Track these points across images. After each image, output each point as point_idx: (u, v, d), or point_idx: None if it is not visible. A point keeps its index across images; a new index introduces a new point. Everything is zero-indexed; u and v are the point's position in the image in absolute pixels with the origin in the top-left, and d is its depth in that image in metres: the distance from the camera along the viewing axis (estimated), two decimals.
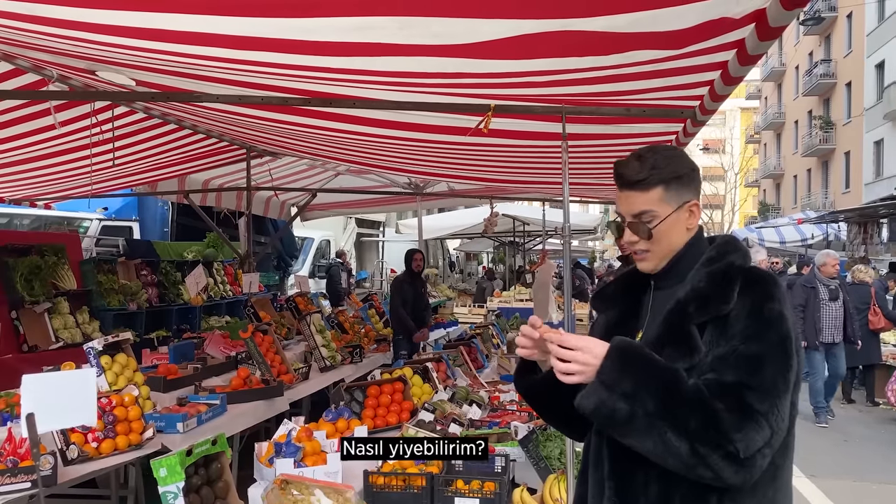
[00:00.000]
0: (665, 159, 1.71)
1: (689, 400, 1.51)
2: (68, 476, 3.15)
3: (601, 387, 1.54)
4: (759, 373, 1.52)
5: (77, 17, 2.46)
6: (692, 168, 1.74)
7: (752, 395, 1.50)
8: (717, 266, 1.66)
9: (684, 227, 1.74)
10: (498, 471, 3.29)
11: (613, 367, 1.54)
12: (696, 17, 2.07)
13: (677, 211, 1.71)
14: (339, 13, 2.16)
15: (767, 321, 1.56)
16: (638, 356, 1.57)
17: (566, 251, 3.67)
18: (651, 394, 1.51)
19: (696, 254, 1.73)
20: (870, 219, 16.25)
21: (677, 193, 1.71)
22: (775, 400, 1.51)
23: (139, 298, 7.04)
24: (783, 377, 1.53)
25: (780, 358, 1.54)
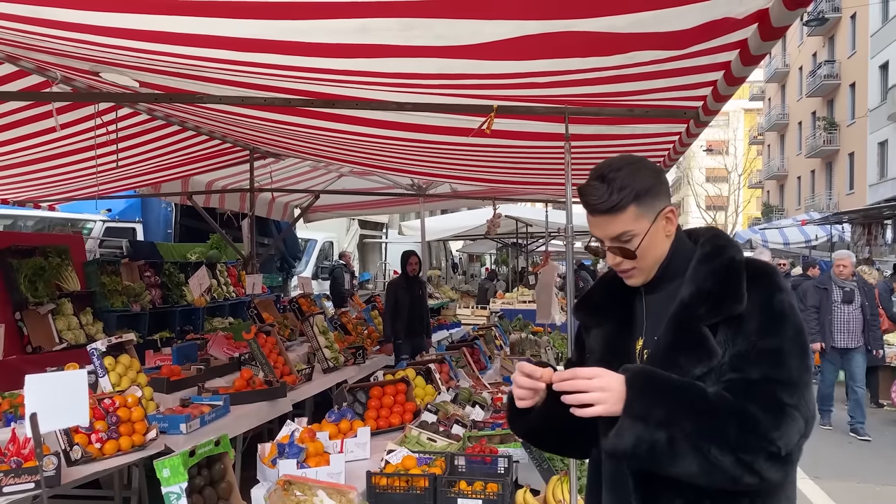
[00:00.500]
0: (630, 175, 1.63)
1: (723, 409, 1.48)
2: (72, 477, 3.15)
3: (635, 422, 1.48)
4: (783, 366, 1.51)
5: (80, 20, 2.47)
6: (657, 175, 1.68)
7: (782, 390, 1.49)
8: (719, 262, 1.62)
9: (664, 236, 1.68)
10: (501, 472, 3.28)
11: (640, 398, 1.49)
12: (698, 18, 2.06)
13: (655, 223, 1.66)
14: (341, 15, 2.17)
15: (781, 314, 1.55)
16: (659, 380, 1.52)
17: (569, 253, 3.67)
18: (685, 414, 1.47)
19: (683, 253, 1.69)
20: (874, 220, 16.23)
21: (650, 206, 1.65)
22: (802, 390, 1.51)
23: (142, 300, 7.05)
24: (804, 366, 1.53)
25: (799, 348, 1.53)
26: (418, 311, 7.91)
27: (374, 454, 3.59)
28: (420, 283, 8.15)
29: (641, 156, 1.75)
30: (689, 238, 1.73)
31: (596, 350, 1.75)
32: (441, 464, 3.30)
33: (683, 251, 1.69)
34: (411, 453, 3.37)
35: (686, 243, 1.71)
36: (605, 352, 1.72)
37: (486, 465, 3.33)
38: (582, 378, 1.52)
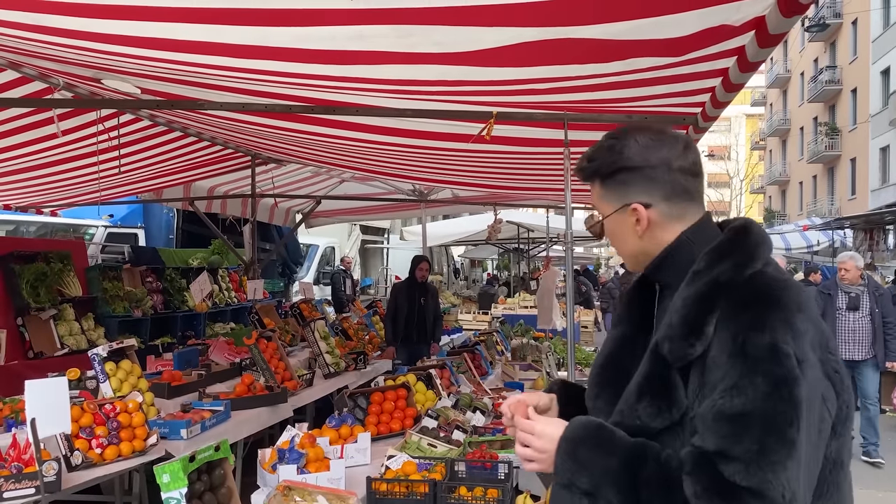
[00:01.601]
0: (608, 149, 1.42)
1: (654, 487, 1.23)
2: (72, 482, 3.15)
3: (562, 490, 1.35)
4: (745, 436, 1.18)
5: (82, 27, 2.48)
6: (633, 165, 1.40)
7: (735, 468, 1.17)
8: (699, 285, 1.31)
9: (633, 234, 1.43)
10: (501, 478, 3.28)
11: (566, 463, 1.32)
12: (695, 25, 2.07)
13: (618, 213, 1.43)
14: (340, 22, 2.18)
15: (753, 362, 1.20)
16: (589, 441, 1.31)
17: (568, 258, 3.68)
18: (611, 485, 1.26)
19: (686, 258, 1.39)
20: (876, 225, 16.21)
21: (615, 192, 1.43)
22: (772, 471, 1.16)
23: (144, 305, 7.06)
24: (781, 436, 1.17)
25: (775, 410, 1.17)
26: (419, 318, 7.63)
27: (375, 460, 3.58)
28: (425, 290, 7.80)
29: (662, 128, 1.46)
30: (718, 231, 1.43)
31: (601, 354, 1.57)
32: (441, 469, 3.29)
33: (686, 256, 1.39)
34: (411, 459, 3.37)
35: (698, 247, 1.39)
36: (604, 356, 1.54)
37: (486, 470, 3.33)
38: (526, 433, 1.39)
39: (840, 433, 1.28)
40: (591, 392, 1.51)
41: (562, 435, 1.34)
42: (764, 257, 1.33)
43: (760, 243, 1.34)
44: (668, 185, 1.40)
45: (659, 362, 1.32)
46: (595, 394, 1.48)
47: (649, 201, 1.41)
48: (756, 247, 1.33)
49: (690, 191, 1.42)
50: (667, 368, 1.30)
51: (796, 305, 1.25)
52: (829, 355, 1.27)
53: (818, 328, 1.27)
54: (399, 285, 7.92)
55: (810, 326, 1.24)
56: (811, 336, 1.23)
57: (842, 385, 1.28)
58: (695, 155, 1.43)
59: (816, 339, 1.25)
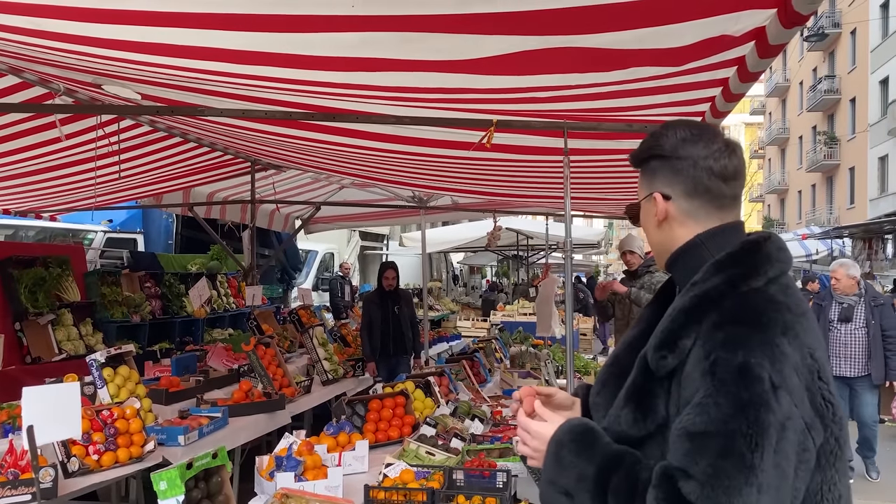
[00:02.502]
0: (651, 136, 1.44)
1: (622, 495, 1.25)
2: (69, 489, 3.14)
3: (547, 485, 1.38)
4: (702, 457, 1.16)
5: (82, 32, 2.49)
6: (663, 153, 1.40)
7: (691, 488, 1.16)
8: (689, 297, 1.31)
9: (654, 224, 1.45)
10: (499, 486, 3.27)
11: (552, 463, 1.37)
12: (696, 35, 2.08)
13: (645, 200, 1.46)
14: (341, 28, 2.18)
15: (720, 382, 1.18)
16: (572, 445, 1.34)
17: (568, 265, 3.67)
18: (586, 490, 1.29)
19: (693, 263, 1.38)
20: (874, 234, 16.23)
21: (646, 180, 1.45)
22: (725, 493, 1.13)
23: (142, 310, 7.05)
24: (738, 460, 1.14)
25: (736, 433, 1.15)
26: (395, 329, 7.20)
27: (373, 467, 3.58)
28: (397, 298, 7.36)
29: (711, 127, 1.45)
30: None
31: (611, 354, 1.58)
32: (439, 478, 3.28)
33: (695, 261, 1.38)
34: (409, 467, 3.36)
35: (711, 253, 1.37)
36: (613, 354, 1.55)
37: (484, 479, 3.31)
38: (524, 431, 1.46)
39: (823, 466, 1.24)
40: (594, 388, 1.53)
41: (551, 437, 1.39)
42: (767, 275, 1.29)
43: (765, 261, 1.31)
44: (691, 181, 1.39)
45: (644, 370, 1.33)
46: (597, 391, 1.51)
47: (670, 193, 1.41)
48: (761, 263, 1.30)
49: (714, 192, 1.39)
50: (649, 378, 1.31)
51: (782, 328, 1.22)
52: (821, 383, 1.24)
53: (809, 354, 1.23)
54: (369, 296, 7.56)
55: (795, 352, 1.21)
56: (796, 361, 1.20)
57: (832, 418, 1.24)
58: (733, 161, 1.40)
59: (805, 366, 1.21)
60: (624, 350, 1.49)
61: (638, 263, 6.03)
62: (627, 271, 6.21)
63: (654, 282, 5.79)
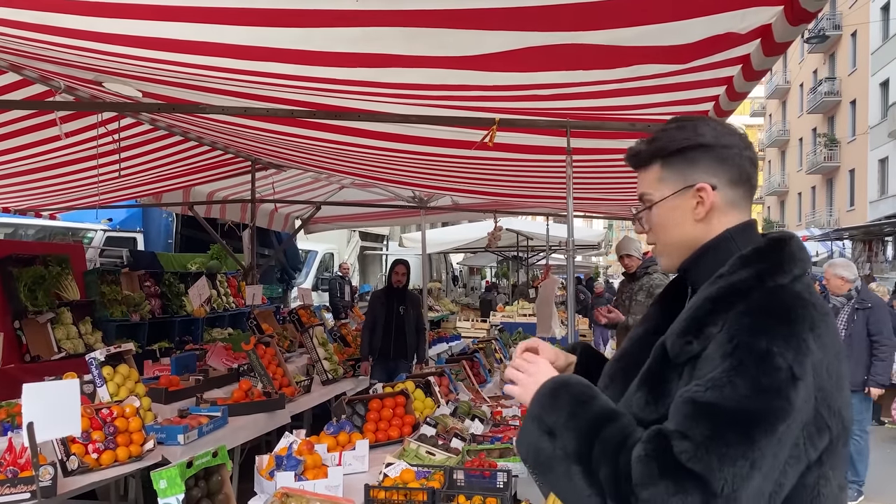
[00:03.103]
0: (667, 130, 1.40)
1: (609, 445, 1.22)
2: (68, 487, 3.12)
3: (530, 420, 1.35)
4: (704, 422, 1.15)
5: (84, 27, 2.47)
6: (706, 142, 1.37)
7: (685, 447, 1.14)
8: (716, 288, 1.29)
9: (690, 218, 1.38)
10: (500, 486, 3.25)
11: (543, 398, 1.34)
12: (701, 32, 2.07)
13: (678, 195, 1.38)
14: (346, 23, 2.17)
15: (740, 364, 1.17)
16: (571, 391, 1.32)
17: (570, 266, 3.66)
18: (573, 432, 1.26)
19: (722, 257, 1.35)
20: (875, 236, 16.25)
21: (679, 173, 1.38)
22: (719, 461, 1.12)
23: (142, 309, 7.03)
24: (744, 434, 1.13)
25: (747, 412, 1.14)
26: (397, 331, 6.89)
27: (373, 467, 3.56)
28: (404, 298, 7.03)
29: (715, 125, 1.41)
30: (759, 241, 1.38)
31: (617, 351, 1.56)
32: (440, 477, 3.27)
33: (724, 255, 1.35)
34: (410, 467, 3.34)
35: (733, 249, 1.36)
36: (621, 350, 1.53)
37: (485, 479, 3.30)
38: (521, 359, 1.45)
39: (823, 462, 1.23)
40: (602, 383, 1.51)
41: (552, 377, 1.37)
42: (793, 273, 1.29)
43: (790, 259, 1.30)
44: (737, 168, 1.37)
45: (661, 356, 1.32)
46: (605, 384, 1.49)
47: (716, 183, 1.37)
48: (787, 261, 1.30)
49: (752, 182, 1.40)
50: (666, 363, 1.30)
51: (809, 324, 1.21)
52: (833, 384, 1.23)
53: (830, 356, 1.22)
54: (377, 293, 7.33)
55: (818, 349, 1.20)
56: (817, 359, 1.19)
57: (838, 418, 1.23)
58: (755, 153, 1.43)
59: (823, 365, 1.20)
60: (632, 346, 1.49)
61: (636, 266, 6.03)
62: (626, 274, 6.21)
63: (652, 284, 5.80)
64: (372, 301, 7.14)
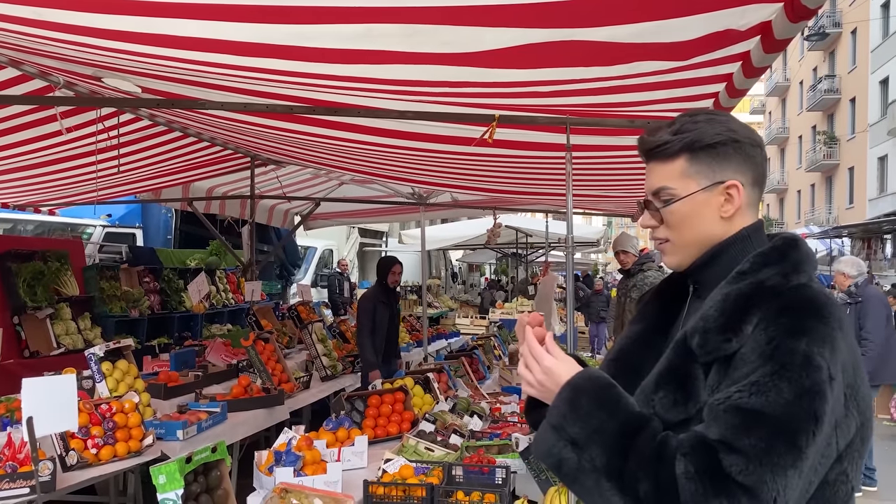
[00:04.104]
0: (697, 122, 1.34)
1: (645, 457, 1.17)
2: (67, 482, 3.13)
3: (550, 430, 1.27)
4: (753, 433, 1.13)
5: (83, 22, 2.47)
6: (739, 138, 1.33)
7: (734, 461, 1.12)
8: (741, 285, 1.27)
9: (716, 215, 1.34)
10: (499, 482, 3.26)
11: (562, 407, 1.26)
12: (701, 29, 2.07)
13: (705, 190, 1.33)
14: (346, 20, 2.17)
15: (782, 366, 1.15)
16: (594, 394, 1.26)
17: (569, 263, 3.66)
18: (601, 444, 1.21)
19: (738, 256, 1.33)
20: (874, 234, 16.27)
21: (709, 168, 1.32)
22: (771, 472, 1.11)
23: (141, 305, 7.03)
24: (792, 443, 1.12)
25: (794, 418, 1.13)
26: (394, 331, 6.73)
27: (372, 463, 3.57)
28: (397, 297, 6.88)
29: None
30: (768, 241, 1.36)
31: (613, 349, 1.52)
32: (438, 473, 3.28)
33: (740, 253, 1.33)
34: (409, 463, 3.35)
35: (750, 247, 1.34)
36: (616, 350, 1.49)
37: (483, 475, 3.31)
38: (533, 358, 1.34)
39: (843, 458, 1.23)
40: None
41: (568, 380, 1.28)
42: (809, 273, 1.29)
43: (806, 259, 1.31)
44: (759, 169, 1.36)
45: (684, 354, 1.28)
46: None
47: (743, 181, 1.34)
48: (803, 261, 1.30)
49: (764, 183, 1.39)
50: (691, 361, 1.26)
51: (839, 323, 1.21)
52: (856, 381, 1.24)
53: (852, 353, 1.24)
54: (374, 295, 6.54)
55: (846, 348, 1.21)
56: (844, 357, 1.19)
57: (862, 414, 1.24)
58: None
59: (850, 363, 1.21)
60: (631, 345, 1.46)
61: (632, 262, 6.07)
62: (622, 270, 6.24)
63: (646, 281, 5.83)
64: (371, 305, 6.40)
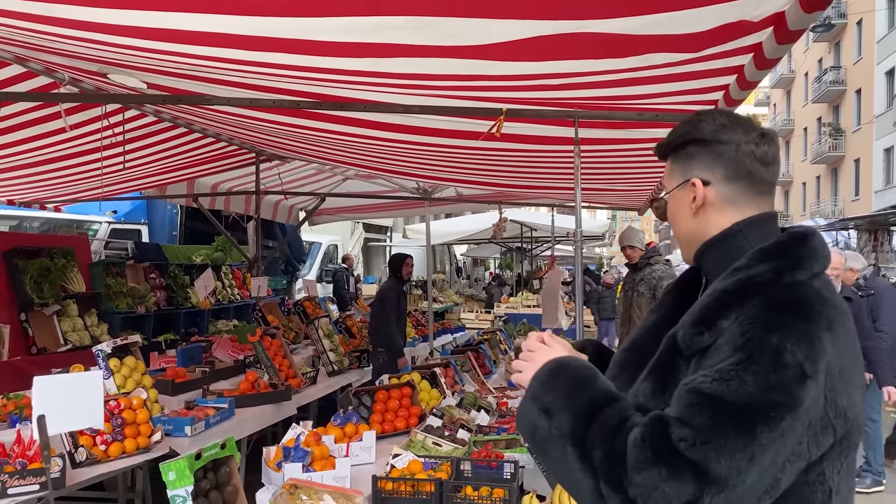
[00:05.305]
0: (685, 123, 1.42)
1: (606, 428, 1.21)
2: (76, 479, 3.13)
3: (528, 401, 1.34)
4: (708, 414, 1.14)
5: (89, 17, 2.46)
6: (705, 138, 1.37)
7: (683, 434, 1.13)
8: (729, 281, 1.28)
9: (688, 212, 1.40)
10: (507, 477, 3.26)
11: (543, 377, 1.34)
12: (713, 20, 2.05)
13: (679, 188, 1.41)
14: (354, 13, 2.15)
15: (749, 358, 1.15)
16: (570, 373, 1.32)
17: (578, 257, 3.64)
18: (570, 410, 1.25)
19: (733, 251, 1.35)
20: (880, 226, 16.19)
21: (682, 166, 1.41)
22: (721, 453, 1.11)
23: (147, 301, 7.04)
24: (744, 428, 1.12)
25: (752, 408, 1.13)
26: (405, 324, 7.11)
27: (380, 458, 3.56)
28: (405, 294, 7.30)
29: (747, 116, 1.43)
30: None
31: (627, 339, 1.55)
32: (447, 468, 3.27)
33: (736, 249, 1.35)
34: (417, 458, 3.34)
35: (749, 242, 1.35)
36: (629, 340, 1.52)
37: (492, 470, 3.30)
38: (528, 349, 1.43)
39: (825, 459, 1.22)
40: (610, 373, 1.50)
41: (552, 359, 1.36)
42: (811, 270, 1.28)
43: (812, 256, 1.29)
44: (733, 164, 1.37)
45: (671, 346, 1.31)
46: (614, 374, 1.48)
47: (709, 178, 1.38)
48: (807, 258, 1.29)
49: (755, 177, 1.37)
50: (676, 353, 1.29)
51: (826, 323, 1.20)
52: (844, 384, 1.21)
53: (845, 358, 1.21)
54: (394, 287, 6.86)
55: (833, 349, 1.18)
56: (831, 359, 1.17)
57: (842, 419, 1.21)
58: (771, 147, 1.39)
59: (837, 365, 1.19)
60: (643, 335, 1.48)
61: (639, 257, 6.07)
62: (629, 265, 6.24)
63: (654, 276, 5.85)
64: (393, 295, 6.72)
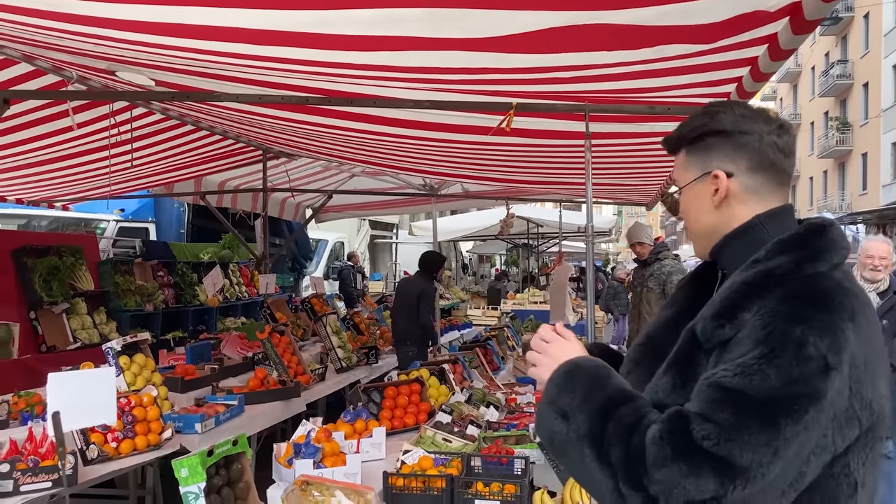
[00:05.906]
0: (701, 115, 1.40)
1: (623, 426, 1.19)
2: (88, 476, 3.13)
3: (545, 405, 1.33)
4: (730, 410, 1.12)
5: (97, 13, 2.45)
6: (726, 129, 1.35)
7: (706, 430, 1.11)
8: (749, 273, 1.26)
9: (709, 205, 1.37)
10: (518, 473, 3.24)
11: (559, 380, 1.33)
12: (728, 10, 2.02)
13: (698, 181, 1.38)
14: (367, 4, 2.13)
15: (772, 352, 1.13)
16: (585, 374, 1.31)
17: (589, 252, 3.63)
18: (586, 412, 1.24)
19: (753, 243, 1.32)
20: (889, 220, 16.11)
21: (700, 159, 1.38)
22: (744, 449, 1.09)
23: (156, 299, 7.05)
24: (768, 422, 1.10)
25: (775, 402, 1.11)
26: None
27: (390, 454, 3.56)
28: None
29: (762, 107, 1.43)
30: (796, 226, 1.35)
31: (641, 333, 1.53)
32: (457, 464, 3.26)
33: (756, 241, 1.32)
34: (428, 454, 3.34)
35: (769, 235, 1.33)
36: (644, 335, 1.50)
37: (502, 466, 3.29)
38: (542, 340, 1.43)
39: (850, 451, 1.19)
40: (624, 368, 1.49)
41: (566, 361, 1.35)
42: (831, 261, 1.27)
43: (831, 247, 1.28)
44: (756, 155, 1.35)
45: (691, 340, 1.29)
46: (628, 370, 1.47)
47: (733, 170, 1.36)
48: (826, 249, 1.27)
49: (778, 167, 1.36)
50: (696, 347, 1.27)
51: (849, 314, 1.18)
52: (869, 376, 1.19)
53: (869, 348, 1.19)
54: (429, 285, 7.33)
55: (857, 340, 1.16)
56: (854, 350, 1.15)
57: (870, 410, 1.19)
58: (791, 138, 1.38)
59: (861, 356, 1.17)
60: (658, 330, 1.47)
61: (648, 253, 6.05)
62: (638, 261, 6.22)
63: (664, 271, 5.82)
64: (433, 291, 7.36)
